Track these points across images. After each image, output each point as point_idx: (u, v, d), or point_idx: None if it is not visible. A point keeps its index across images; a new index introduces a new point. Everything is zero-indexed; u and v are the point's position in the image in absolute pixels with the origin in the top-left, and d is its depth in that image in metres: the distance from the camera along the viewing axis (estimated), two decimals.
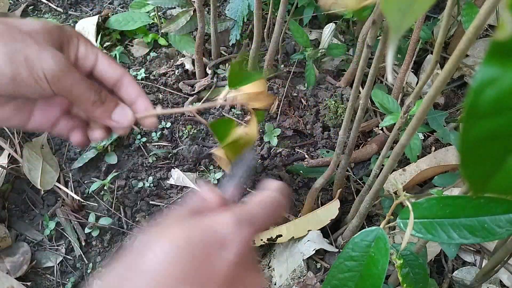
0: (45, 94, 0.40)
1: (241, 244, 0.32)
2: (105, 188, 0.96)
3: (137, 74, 1.11)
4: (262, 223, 0.34)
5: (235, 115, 1.05)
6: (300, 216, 0.89)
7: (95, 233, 0.91)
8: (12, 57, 0.37)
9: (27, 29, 0.39)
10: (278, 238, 0.86)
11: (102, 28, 1.20)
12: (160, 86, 1.10)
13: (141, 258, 0.30)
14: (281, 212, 0.37)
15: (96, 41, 1.15)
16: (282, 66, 1.14)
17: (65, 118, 0.46)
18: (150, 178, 0.97)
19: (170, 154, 1.01)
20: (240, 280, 0.31)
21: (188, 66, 1.13)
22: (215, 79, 1.11)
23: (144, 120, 0.45)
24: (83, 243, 0.91)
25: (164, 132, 1.03)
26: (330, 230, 0.89)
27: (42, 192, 0.96)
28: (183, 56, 1.16)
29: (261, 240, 0.86)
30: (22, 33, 0.38)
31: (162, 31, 1.13)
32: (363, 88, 0.68)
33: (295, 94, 1.09)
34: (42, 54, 0.38)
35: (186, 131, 1.03)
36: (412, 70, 1.13)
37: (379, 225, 0.55)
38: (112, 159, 0.99)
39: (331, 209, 0.87)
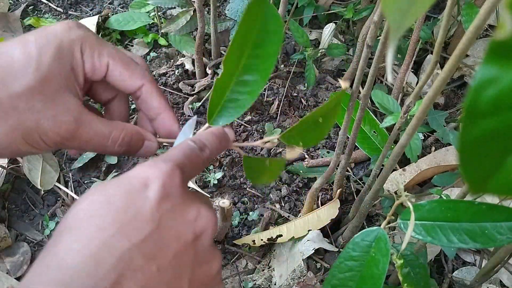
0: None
1: (162, 179, 0.30)
2: None
3: None
4: (183, 163, 0.32)
5: None
6: (300, 216, 0.89)
7: None
8: (7, 137, 0.32)
9: (17, 90, 0.31)
10: (278, 238, 0.86)
11: (102, 28, 1.20)
12: (160, 86, 1.10)
13: (67, 221, 0.28)
14: (203, 158, 0.35)
15: None
16: (282, 66, 1.14)
17: None
18: None
19: None
20: (174, 213, 0.30)
21: (188, 66, 1.13)
22: (215, 79, 1.11)
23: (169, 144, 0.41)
24: None
25: None
26: (330, 230, 0.89)
27: (42, 192, 0.96)
28: (183, 56, 1.16)
29: (261, 240, 0.86)
30: (10, 100, 0.31)
31: (162, 31, 1.13)
32: (363, 88, 0.68)
33: (295, 94, 1.09)
34: (40, 124, 0.32)
35: None
36: (412, 70, 1.13)
37: (379, 225, 0.55)
38: (112, 159, 0.99)
39: (331, 209, 0.87)
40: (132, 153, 0.39)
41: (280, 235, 0.86)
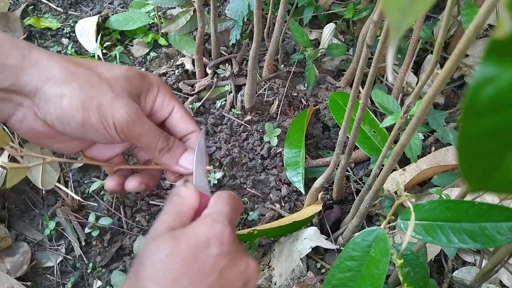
0: (112, 141, 0.41)
1: (220, 238, 0.38)
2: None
3: None
4: (232, 217, 0.41)
5: (235, 115, 1.05)
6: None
7: (95, 233, 0.91)
8: (85, 103, 0.38)
9: (107, 76, 0.40)
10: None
11: (102, 28, 1.20)
12: None
13: (144, 267, 0.37)
14: (241, 205, 0.45)
15: (96, 41, 1.15)
16: (282, 66, 1.14)
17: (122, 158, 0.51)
18: None
19: None
20: (230, 266, 0.38)
21: (188, 66, 1.13)
22: (215, 79, 1.11)
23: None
24: (83, 243, 0.91)
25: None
26: (330, 230, 0.89)
27: (42, 192, 0.96)
28: (183, 56, 1.16)
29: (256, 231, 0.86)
30: (100, 79, 0.39)
31: (162, 31, 1.13)
32: (363, 88, 0.69)
33: (295, 94, 1.09)
34: (115, 103, 0.39)
35: None
36: (412, 70, 1.13)
37: (379, 225, 0.55)
38: None
39: (314, 209, 0.87)
40: (172, 161, 0.45)
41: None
